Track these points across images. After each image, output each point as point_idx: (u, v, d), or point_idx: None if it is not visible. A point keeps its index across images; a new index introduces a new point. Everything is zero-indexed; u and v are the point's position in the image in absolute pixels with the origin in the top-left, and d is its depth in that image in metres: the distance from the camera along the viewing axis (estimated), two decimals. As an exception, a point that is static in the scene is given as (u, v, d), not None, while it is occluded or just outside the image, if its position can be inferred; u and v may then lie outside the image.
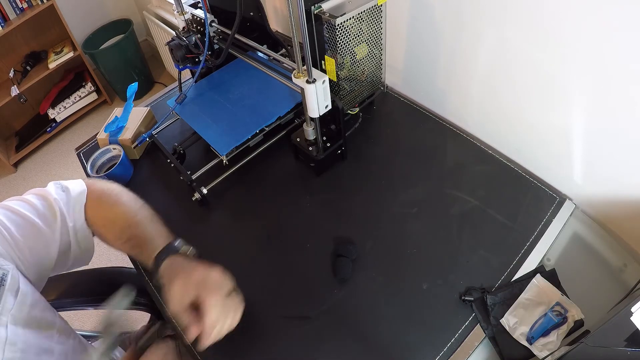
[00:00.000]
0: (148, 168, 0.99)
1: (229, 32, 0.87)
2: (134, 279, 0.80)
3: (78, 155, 1.07)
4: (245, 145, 0.90)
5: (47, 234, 0.59)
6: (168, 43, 0.96)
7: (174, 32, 1.00)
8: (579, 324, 0.61)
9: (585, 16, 0.59)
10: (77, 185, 0.67)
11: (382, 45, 0.85)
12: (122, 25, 2.44)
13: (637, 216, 0.70)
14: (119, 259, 1.67)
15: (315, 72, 0.70)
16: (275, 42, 1.00)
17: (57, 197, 0.63)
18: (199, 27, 0.96)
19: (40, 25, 2.26)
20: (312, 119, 0.77)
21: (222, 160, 0.88)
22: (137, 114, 1.03)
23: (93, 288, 0.82)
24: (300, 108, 0.93)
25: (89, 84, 2.48)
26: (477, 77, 0.83)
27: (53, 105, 2.42)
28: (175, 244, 0.61)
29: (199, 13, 0.94)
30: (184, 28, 0.99)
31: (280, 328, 0.66)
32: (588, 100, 0.66)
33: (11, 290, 0.52)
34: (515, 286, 0.66)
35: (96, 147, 1.02)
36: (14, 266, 0.54)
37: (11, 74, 2.23)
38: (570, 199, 0.76)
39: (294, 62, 0.71)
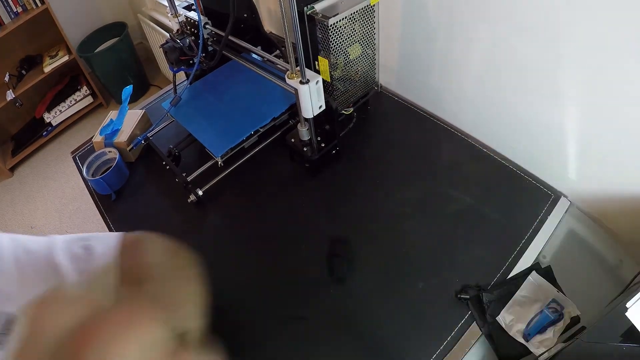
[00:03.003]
0: (144, 171, 0.99)
1: (222, 33, 0.87)
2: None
3: (74, 158, 1.07)
4: (240, 147, 0.90)
5: None
6: (162, 45, 0.96)
7: (168, 35, 1.00)
8: (575, 320, 0.61)
9: (578, 14, 0.59)
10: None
11: (375, 45, 0.85)
12: (117, 29, 2.44)
13: (633, 212, 0.70)
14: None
15: (309, 73, 0.70)
16: (269, 43, 1.00)
17: None
18: (193, 29, 0.96)
19: (35, 29, 2.26)
20: (306, 120, 0.77)
21: (217, 162, 0.87)
22: (133, 116, 1.03)
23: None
24: (294, 109, 0.93)
25: (85, 88, 2.48)
26: (471, 76, 0.84)
27: (49, 109, 2.41)
28: None
29: (193, 15, 0.94)
30: (178, 30, 0.99)
31: (276, 329, 0.66)
32: (581, 98, 0.66)
33: None
34: (511, 283, 0.66)
35: (92, 150, 1.02)
36: None
37: (6, 78, 2.22)
38: (565, 196, 0.76)
39: (288, 63, 0.71)
